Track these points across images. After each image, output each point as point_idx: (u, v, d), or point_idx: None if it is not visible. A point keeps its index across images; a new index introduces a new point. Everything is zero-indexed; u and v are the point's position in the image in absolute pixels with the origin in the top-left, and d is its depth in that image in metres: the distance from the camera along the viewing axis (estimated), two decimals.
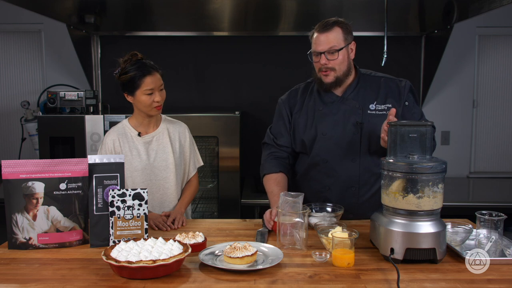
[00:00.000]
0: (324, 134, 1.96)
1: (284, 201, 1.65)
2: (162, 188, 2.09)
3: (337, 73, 1.91)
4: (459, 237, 1.63)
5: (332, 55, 1.88)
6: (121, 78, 1.98)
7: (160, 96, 1.99)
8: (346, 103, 1.97)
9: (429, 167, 1.46)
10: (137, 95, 1.97)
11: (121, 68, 1.98)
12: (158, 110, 2.02)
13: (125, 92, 2.01)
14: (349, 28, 1.93)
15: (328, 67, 1.90)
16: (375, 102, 1.95)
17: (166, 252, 1.40)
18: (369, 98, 1.96)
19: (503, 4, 2.69)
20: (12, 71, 4.05)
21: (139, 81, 1.94)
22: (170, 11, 3.40)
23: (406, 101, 1.95)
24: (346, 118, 1.95)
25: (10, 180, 1.62)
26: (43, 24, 3.92)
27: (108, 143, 2.06)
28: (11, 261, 1.53)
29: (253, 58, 3.93)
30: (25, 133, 3.73)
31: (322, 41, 1.88)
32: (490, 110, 4.09)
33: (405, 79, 2.01)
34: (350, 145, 1.94)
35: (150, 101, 1.97)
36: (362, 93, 1.97)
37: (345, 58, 1.91)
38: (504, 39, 4.01)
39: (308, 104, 2.04)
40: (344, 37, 1.89)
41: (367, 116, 1.93)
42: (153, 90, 1.96)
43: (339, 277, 1.38)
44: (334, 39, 1.87)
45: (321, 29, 1.90)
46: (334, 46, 1.87)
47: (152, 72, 1.96)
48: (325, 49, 1.88)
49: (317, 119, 1.99)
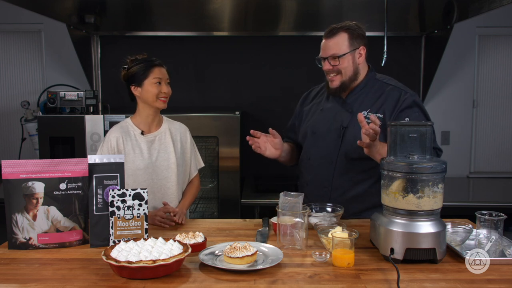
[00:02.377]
0: (314, 132, 2.03)
1: (284, 201, 1.65)
2: (163, 188, 2.09)
3: (343, 77, 1.94)
4: (459, 237, 1.63)
5: (335, 60, 1.91)
6: (129, 71, 2.05)
7: (167, 89, 2.06)
8: (343, 106, 2.00)
9: (429, 167, 1.46)
10: (145, 84, 2.02)
11: (129, 64, 2.07)
12: (164, 103, 2.06)
13: (133, 85, 2.05)
14: (359, 32, 1.93)
15: (333, 70, 1.93)
16: (369, 109, 1.94)
17: (166, 252, 1.40)
18: (366, 104, 1.96)
19: (503, 4, 2.69)
20: (12, 71, 4.05)
21: (148, 71, 2.03)
22: (170, 11, 3.40)
23: (407, 117, 1.87)
24: (335, 121, 1.99)
25: (10, 180, 1.62)
26: (43, 24, 3.92)
27: (111, 140, 2.06)
28: (11, 261, 1.53)
29: (253, 58, 3.93)
30: (25, 133, 3.72)
31: (325, 47, 1.94)
32: (490, 110, 4.09)
33: (412, 93, 1.95)
34: (330, 148, 1.97)
35: (157, 91, 2.03)
36: (362, 98, 1.98)
37: (350, 63, 1.93)
38: (504, 39, 4.01)
39: (315, 102, 2.13)
40: (350, 43, 1.90)
41: (355, 121, 1.86)
42: (161, 80, 2.04)
43: (339, 277, 1.38)
44: (337, 45, 1.90)
45: (327, 34, 1.94)
46: (336, 52, 1.90)
47: (160, 64, 2.07)
48: (328, 55, 1.92)
49: (315, 117, 2.06)
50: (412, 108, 1.91)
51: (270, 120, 2.23)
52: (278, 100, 3.84)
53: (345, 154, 1.95)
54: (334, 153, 1.97)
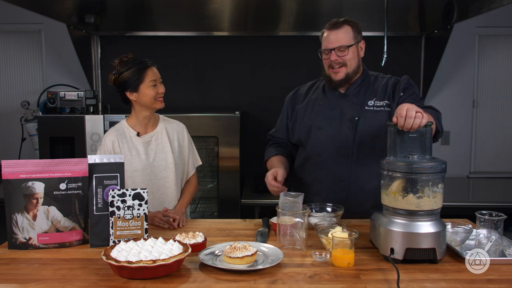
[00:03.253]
0: (320, 128, 2.01)
1: (284, 201, 1.65)
2: (162, 188, 2.09)
3: (348, 69, 1.96)
4: (459, 237, 1.63)
5: (342, 52, 1.94)
6: (120, 77, 2.00)
7: (163, 88, 2.05)
8: (346, 99, 2.01)
9: (428, 167, 1.46)
10: (142, 89, 2.00)
11: (118, 69, 2.01)
12: (162, 103, 2.06)
13: (127, 90, 2.02)
14: (359, 27, 1.99)
15: (339, 62, 1.94)
16: (375, 99, 1.98)
17: (166, 252, 1.40)
18: (369, 95, 2.00)
19: (503, 4, 2.68)
20: (12, 71, 4.05)
21: (142, 74, 1.99)
22: (170, 11, 3.40)
23: (401, 92, 1.95)
24: (343, 114, 1.99)
25: (10, 180, 1.62)
26: (43, 24, 3.92)
27: (107, 143, 2.06)
28: (11, 261, 1.53)
29: (253, 58, 3.93)
30: (25, 133, 3.73)
31: (332, 39, 1.94)
32: (490, 110, 4.09)
33: (405, 76, 2.02)
34: (344, 140, 1.97)
35: (154, 93, 2.01)
36: (363, 91, 2.01)
37: (355, 55, 1.97)
38: (504, 39, 4.01)
39: (311, 98, 2.11)
40: (354, 35, 1.95)
41: (364, 112, 1.96)
42: (156, 82, 2.02)
43: (339, 277, 1.38)
44: (344, 36, 1.93)
45: (331, 27, 1.96)
46: (344, 43, 1.93)
47: (150, 65, 2.03)
48: (336, 46, 1.93)
49: (316, 113, 2.05)
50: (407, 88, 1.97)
51: (270, 120, 2.23)
52: (278, 100, 3.80)
53: (359, 145, 1.95)
54: (349, 146, 1.96)
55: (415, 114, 1.48)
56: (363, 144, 1.95)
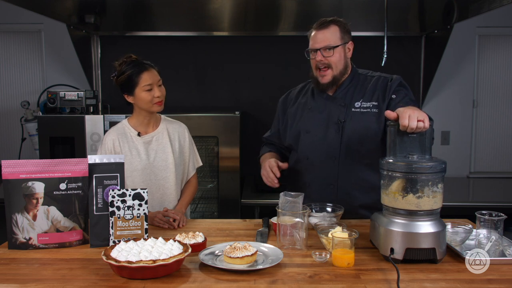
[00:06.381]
0: (308, 131, 2.01)
1: (284, 201, 1.65)
2: (162, 188, 2.09)
3: (334, 71, 1.94)
4: (459, 237, 1.63)
5: (328, 52, 1.91)
6: (119, 79, 2.00)
7: (160, 92, 2.01)
8: (333, 102, 1.99)
9: (428, 167, 1.46)
10: (137, 92, 1.99)
11: (118, 70, 2.01)
12: (160, 106, 2.03)
13: (125, 93, 2.02)
14: (347, 27, 1.96)
15: (324, 63, 1.92)
16: (361, 100, 1.96)
17: (166, 252, 1.40)
18: (357, 96, 1.98)
19: (503, 4, 2.69)
20: (12, 71, 4.05)
21: (137, 78, 1.97)
22: (170, 11, 3.41)
23: (393, 95, 1.92)
24: (330, 117, 1.98)
25: (10, 180, 1.62)
26: (43, 24, 3.92)
27: (108, 143, 2.06)
28: (11, 261, 1.53)
29: (253, 58, 3.93)
30: (25, 133, 3.73)
31: (318, 38, 1.92)
32: (490, 110, 4.09)
33: (397, 76, 1.99)
34: (331, 144, 1.96)
35: (150, 97, 1.99)
36: (351, 92, 1.99)
37: (342, 57, 1.94)
38: (504, 39, 4.02)
39: (301, 102, 2.10)
40: (341, 36, 1.93)
41: (351, 114, 1.94)
42: (152, 86, 1.98)
43: (339, 277, 1.38)
44: (331, 36, 1.91)
45: (318, 26, 1.94)
46: (330, 43, 1.91)
47: (148, 68, 2.00)
48: (321, 46, 1.91)
49: (304, 116, 2.04)
50: (397, 88, 1.94)
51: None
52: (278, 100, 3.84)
53: (346, 148, 1.94)
54: (336, 149, 1.95)
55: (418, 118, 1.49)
56: (350, 147, 1.94)
